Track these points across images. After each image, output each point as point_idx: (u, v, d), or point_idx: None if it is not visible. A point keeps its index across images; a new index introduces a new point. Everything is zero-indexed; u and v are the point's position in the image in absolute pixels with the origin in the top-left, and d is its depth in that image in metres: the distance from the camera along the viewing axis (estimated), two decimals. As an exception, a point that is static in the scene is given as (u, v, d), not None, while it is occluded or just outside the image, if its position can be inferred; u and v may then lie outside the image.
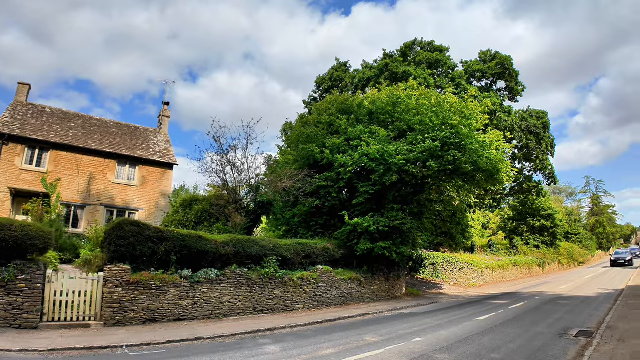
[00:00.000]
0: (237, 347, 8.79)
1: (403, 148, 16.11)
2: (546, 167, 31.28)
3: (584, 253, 54.79)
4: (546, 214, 40.49)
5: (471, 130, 17.08)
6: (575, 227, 58.27)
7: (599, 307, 14.18)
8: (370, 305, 16.26)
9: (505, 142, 18.80)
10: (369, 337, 9.86)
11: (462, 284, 25.54)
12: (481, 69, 28.93)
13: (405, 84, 20.72)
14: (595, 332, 9.49)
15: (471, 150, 16.34)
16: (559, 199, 73.55)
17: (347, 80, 30.46)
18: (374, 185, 16.56)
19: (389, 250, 16.38)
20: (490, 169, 16.85)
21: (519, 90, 29.59)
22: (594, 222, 74.82)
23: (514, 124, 26.89)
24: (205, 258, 12.77)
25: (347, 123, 18.34)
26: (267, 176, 17.83)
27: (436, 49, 29.75)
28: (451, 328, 10.89)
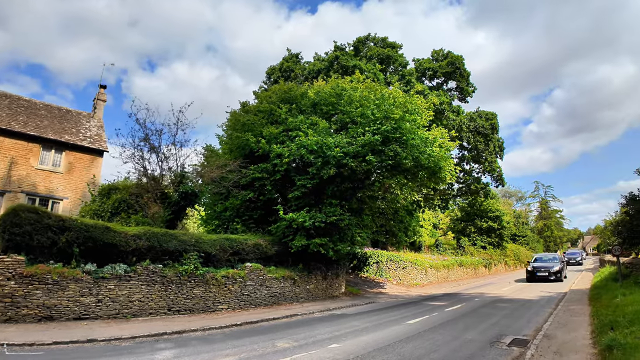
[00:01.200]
0: (128, 352, 7.79)
1: (343, 141, 15.32)
2: (494, 170, 31.51)
3: (530, 255, 56.33)
4: (494, 216, 41.08)
5: (414, 126, 16.52)
6: (523, 229, 59.87)
7: (539, 311, 13.73)
8: (303, 306, 15.39)
9: (449, 141, 18.37)
10: (282, 342, 8.93)
11: (405, 283, 25.16)
12: (433, 68, 28.69)
13: (352, 77, 19.97)
14: (531, 342, 8.86)
15: (412, 146, 15.77)
16: (508, 202, 75.63)
17: (298, 71, 29.49)
18: (312, 178, 15.68)
19: (325, 248, 15.56)
20: (432, 166, 16.35)
21: (469, 91, 29.58)
22: (542, 226, 77.44)
23: (462, 124, 26.78)
24: (115, 252, 11.55)
25: (288, 113, 17.37)
26: (202, 166, 16.59)
27: (389, 45, 29.29)
28: (376, 332, 10.13)
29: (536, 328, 10.58)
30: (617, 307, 10.64)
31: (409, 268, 25.95)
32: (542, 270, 25.53)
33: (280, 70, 30.31)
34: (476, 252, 39.02)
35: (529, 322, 11.47)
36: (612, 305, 11.46)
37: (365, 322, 11.85)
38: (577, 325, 10.32)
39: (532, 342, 8.83)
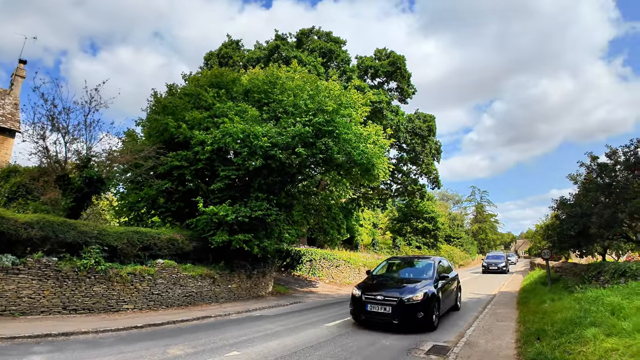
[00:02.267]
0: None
1: (272, 131, 14.39)
2: (431, 172, 31.81)
3: (465, 256, 58.11)
4: (429, 217, 41.80)
5: (348, 120, 15.93)
6: (458, 231, 61.72)
7: (466, 314, 13.41)
8: (221, 307, 14.32)
9: (385, 138, 17.95)
10: (177, 348, 7.90)
11: (338, 282, 24.69)
12: (375, 66, 28.39)
13: (289, 67, 19.09)
14: (451, 349, 8.35)
15: (345, 141, 15.13)
16: (445, 205, 77.92)
17: (236, 58, 28.17)
18: (237, 169, 14.63)
19: (249, 244, 14.56)
20: (365, 162, 15.80)
21: (409, 92, 29.61)
22: (477, 229, 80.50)
23: (400, 124, 26.67)
24: (3, 241, 10.10)
25: (217, 98, 16.17)
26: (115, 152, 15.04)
27: (333, 40, 28.69)
28: (287, 337, 9.32)
29: (459, 333, 10.16)
30: (545, 314, 10.36)
31: (343, 267, 25.51)
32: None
33: (218, 56, 28.84)
34: (411, 251, 39.48)
35: (453, 327, 11.05)
36: (540, 311, 11.24)
37: (281, 324, 11.03)
38: (502, 332, 10.00)
39: (453, 349, 8.33)
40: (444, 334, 10.01)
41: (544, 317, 9.94)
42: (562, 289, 14.88)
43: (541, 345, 7.38)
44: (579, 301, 9.93)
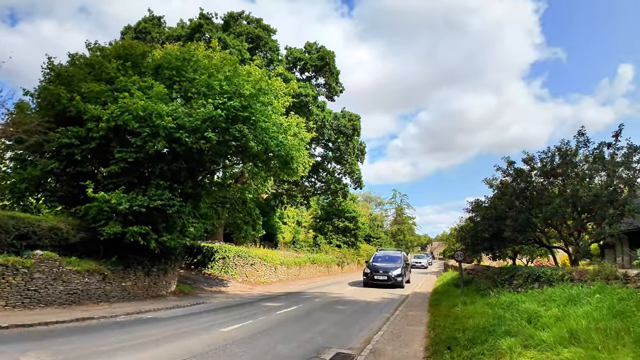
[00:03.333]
0: None
1: (180, 111, 12.92)
2: (354, 172, 31.63)
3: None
4: (350, 216, 41.85)
5: (267, 108, 14.86)
6: (378, 231, 62.88)
7: (377, 316, 12.76)
8: (112, 307, 12.61)
9: (307, 132, 17.09)
10: (31, 357, 6.42)
11: (252, 281, 23.48)
12: (304, 59, 27.52)
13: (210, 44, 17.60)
14: (355, 359, 7.58)
15: (263, 129, 14.05)
16: (367, 206, 79.39)
17: (155, 35, 25.91)
18: (137, 152, 12.92)
19: (146, 238, 12.95)
20: (283, 154, 14.81)
21: (337, 90, 29.14)
22: (396, 230, 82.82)
23: (325, 121, 26.06)
24: None
25: (120, 70, 14.33)
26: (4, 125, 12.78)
27: (262, 27, 27.39)
28: (171, 344, 8.06)
29: (366, 339, 9.41)
30: (457, 319, 9.84)
31: (258, 265, 24.33)
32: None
33: (136, 31, 26.38)
34: (331, 250, 39.23)
35: (361, 331, 10.28)
36: (451, 315, 10.73)
37: (171, 329, 9.69)
38: (411, 338, 9.40)
39: (356, 359, 7.60)
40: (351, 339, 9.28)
41: (455, 323, 9.44)
42: (474, 292, 14.84)
43: (451, 357, 6.82)
44: (492, 306, 9.61)
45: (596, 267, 9.14)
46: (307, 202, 36.06)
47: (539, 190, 15.01)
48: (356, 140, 30.03)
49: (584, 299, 7.69)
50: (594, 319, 6.26)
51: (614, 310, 6.34)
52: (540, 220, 14.05)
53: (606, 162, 13.58)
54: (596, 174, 14.20)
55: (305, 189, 32.78)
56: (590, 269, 9.47)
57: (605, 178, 13.70)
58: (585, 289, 8.35)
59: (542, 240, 16.43)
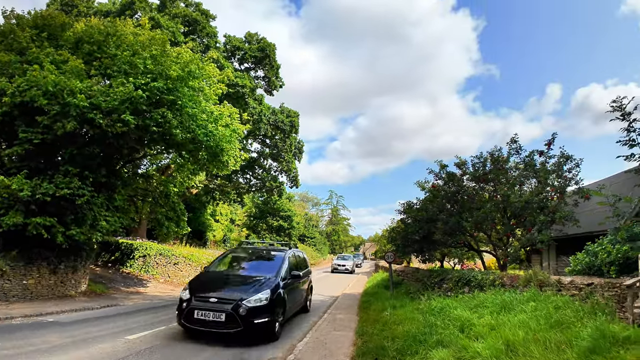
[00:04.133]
0: None
1: (95, 88, 11.45)
2: (291, 170, 30.87)
3: (317, 255, 58.96)
4: (285, 215, 41.07)
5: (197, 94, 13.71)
6: (313, 231, 62.60)
7: (303, 320, 11.95)
8: (9, 307, 10.90)
9: (241, 123, 16.02)
10: None
11: (175, 282, 21.95)
12: (243, 49, 26.31)
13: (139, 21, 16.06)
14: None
15: (189, 116, 12.88)
16: (303, 205, 79.00)
17: (83, 8, 23.56)
18: (44, 132, 11.30)
19: (52, 231, 11.39)
20: (212, 146, 13.69)
21: (276, 84, 28.21)
22: (331, 230, 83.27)
23: (262, 115, 25.05)
24: None
25: (34, 41, 12.57)
26: None
27: (202, 11, 25.83)
28: (64, 354, 6.87)
29: (290, 347, 8.63)
30: (386, 325, 9.31)
31: (182, 264, 22.81)
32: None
33: (62, 3, 23.86)
34: (265, 250, 38.15)
35: (286, 337, 9.49)
36: (380, 321, 10.19)
37: (71, 335, 8.39)
38: (337, 346, 8.68)
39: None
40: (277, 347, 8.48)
41: (384, 329, 8.91)
42: (404, 295, 14.61)
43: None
44: (423, 312, 9.21)
45: (529, 272, 8.99)
46: (241, 199, 34.77)
47: (470, 194, 15.12)
48: (294, 138, 29.28)
49: (518, 306, 7.43)
50: (531, 329, 5.91)
51: (552, 320, 6.04)
52: (470, 224, 14.09)
53: (537, 169, 13.85)
54: (526, 180, 14.49)
55: (239, 185, 31.51)
56: (522, 275, 9.33)
57: (536, 185, 13.98)
58: (518, 296, 8.14)
59: (471, 244, 16.62)
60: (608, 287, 6.84)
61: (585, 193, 12.51)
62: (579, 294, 7.36)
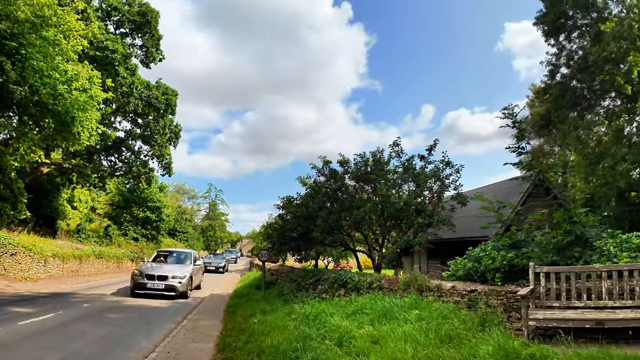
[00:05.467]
0: None
1: None
2: (164, 156, 28.06)
3: (187, 251, 55.45)
4: (154, 206, 37.56)
5: (50, 46, 11.10)
6: (185, 225, 58.91)
7: (158, 327, 9.96)
8: None
9: (102, 90, 13.45)
10: None
11: (12, 276, 18.15)
12: (122, 10, 23.01)
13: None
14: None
15: (34, 70, 10.31)
16: (177, 197, 74.27)
17: None
18: None
19: None
20: (60, 111, 11.19)
21: (155, 56, 25.37)
22: (207, 225, 79.45)
23: (133, 87, 22.10)
24: None
25: None
26: None
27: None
28: None
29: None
30: (253, 335, 7.99)
31: (22, 255, 18.99)
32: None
33: None
34: (126, 243, 34.29)
35: (130, 351, 7.58)
36: (247, 330, 8.81)
37: None
38: (194, 356, 7.26)
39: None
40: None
41: (250, 340, 7.58)
42: (276, 297, 13.54)
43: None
44: (296, 319, 8.17)
45: (409, 276, 8.51)
46: (103, 184, 30.70)
47: (351, 193, 14.82)
48: (170, 120, 26.58)
49: (400, 314, 6.77)
50: (420, 343, 5.19)
51: (441, 332, 5.39)
52: (349, 223, 13.74)
53: (416, 173, 13.92)
54: (405, 183, 14.57)
55: (101, 167, 27.69)
56: (401, 278, 8.82)
57: (414, 189, 14.05)
58: (398, 301, 7.53)
59: (348, 243, 16.36)
60: (493, 295, 6.52)
61: (463, 199, 12.79)
62: (461, 300, 6.98)
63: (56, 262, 21.88)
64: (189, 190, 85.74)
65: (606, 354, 3.97)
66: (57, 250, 22.22)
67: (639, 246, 6.36)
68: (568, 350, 4.23)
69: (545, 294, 5.89)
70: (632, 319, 4.82)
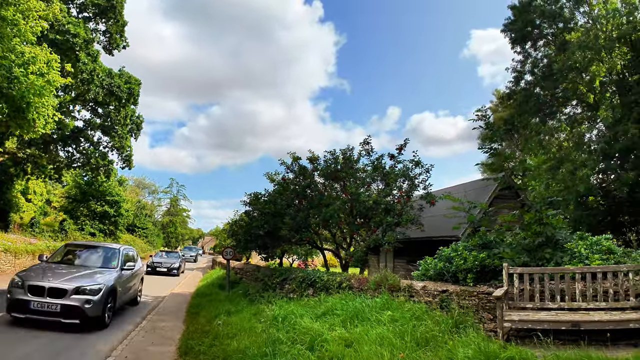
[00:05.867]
0: None
1: None
2: (125, 148, 26.90)
3: (148, 248, 53.80)
4: (112, 200, 36.15)
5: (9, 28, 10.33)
6: (145, 221, 57.15)
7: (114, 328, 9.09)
8: None
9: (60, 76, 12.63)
10: None
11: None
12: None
13: None
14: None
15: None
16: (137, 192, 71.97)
17: None
18: None
19: None
20: (15, 95, 10.42)
21: (119, 43, 24.24)
22: (167, 221, 77.38)
23: (94, 74, 21.05)
24: None
25: None
26: None
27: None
28: None
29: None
30: (218, 338, 7.53)
31: (-36, 249, 17.78)
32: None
33: None
34: (82, 238, 32.81)
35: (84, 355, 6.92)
36: (212, 332, 8.31)
37: None
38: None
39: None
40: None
41: (215, 344, 7.16)
42: (241, 296, 13.11)
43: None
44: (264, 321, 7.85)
45: (378, 275, 8.36)
46: (60, 176, 29.19)
47: (320, 191, 14.63)
48: (132, 110, 25.51)
49: (372, 314, 6.61)
50: (396, 347, 5.03)
51: (417, 335, 5.25)
52: (318, 221, 13.56)
53: (386, 172, 13.89)
54: (374, 182, 14.54)
55: (57, 158, 26.33)
56: (372, 278, 8.67)
57: (384, 187, 14.02)
58: (369, 301, 7.37)
59: (316, 241, 16.10)
60: (465, 296, 6.46)
61: (432, 198, 12.82)
62: (433, 301, 6.90)
63: (8, 257, 20.60)
64: (149, 185, 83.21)
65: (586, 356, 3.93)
66: (9, 245, 20.93)
67: (610, 248, 6.47)
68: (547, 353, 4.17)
69: (519, 295, 5.87)
70: (607, 321, 4.84)
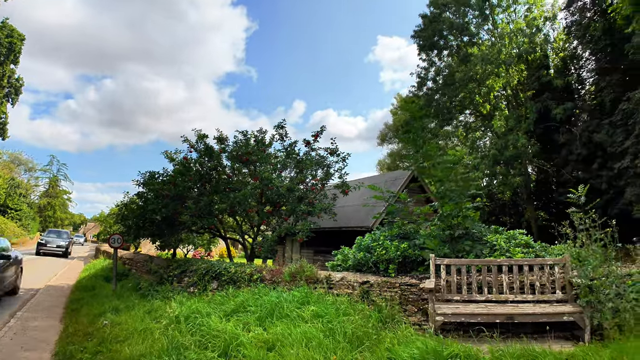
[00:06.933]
0: None
1: None
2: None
3: (21, 233, 47.52)
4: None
5: None
6: (19, 202, 50.58)
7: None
8: None
9: None
10: None
11: None
12: None
13: None
14: None
15: None
16: (11, 168, 63.33)
17: None
18: None
19: None
20: None
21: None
22: (45, 203, 69.40)
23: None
24: None
25: None
26: None
27: None
28: None
29: None
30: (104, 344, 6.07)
31: None
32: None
33: None
34: None
35: None
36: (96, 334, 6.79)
37: None
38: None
39: None
40: None
41: (100, 351, 5.83)
42: (132, 291, 11.54)
43: None
44: (162, 322, 6.79)
45: (294, 266, 7.82)
46: None
47: (228, 174, 13.66)
48: (11, 70, 21.99)
49: (292, 310, 5.96)
50: (327, 348, 4.50)
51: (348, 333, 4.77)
52: (224, 207, 12.51)
53: (300, 159, 13.39)
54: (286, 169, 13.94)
55: None
56: (286, 269, 8.07)
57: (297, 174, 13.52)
58: (286, 295, 6.69)
59: (220, 229, 14.93)
60: (387, 287, 6.21)
61: (347, 187, 12.62)
62: (353, 292, 6.55)
63: None
64: (26, 162, 73.63)
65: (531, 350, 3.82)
66: None
67: (527, 242, 6.68)
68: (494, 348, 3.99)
69: (446, 287, 5.76)
70: (541, 314, 4.86)
